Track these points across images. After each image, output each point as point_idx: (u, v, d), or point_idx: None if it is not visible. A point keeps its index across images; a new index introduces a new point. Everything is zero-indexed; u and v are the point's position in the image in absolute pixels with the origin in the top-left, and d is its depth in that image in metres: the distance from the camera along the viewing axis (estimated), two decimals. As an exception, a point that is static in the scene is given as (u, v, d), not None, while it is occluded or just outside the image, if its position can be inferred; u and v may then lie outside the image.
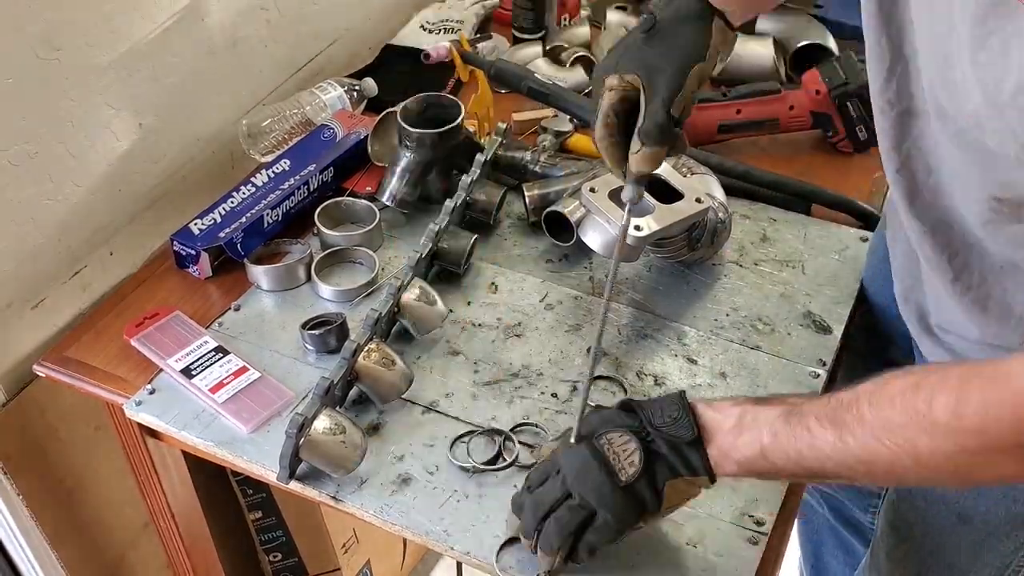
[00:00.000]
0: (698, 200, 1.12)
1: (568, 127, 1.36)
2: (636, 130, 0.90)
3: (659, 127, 0.89)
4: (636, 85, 0.90)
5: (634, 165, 0.91)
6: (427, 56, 1.45)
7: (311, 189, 1.25)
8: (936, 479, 0.83)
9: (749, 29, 1.52)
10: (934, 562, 1.05)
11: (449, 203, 1.17)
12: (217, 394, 1.04)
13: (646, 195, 1.10)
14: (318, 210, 1.22)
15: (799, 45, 1.50)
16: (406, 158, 1.24)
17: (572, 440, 0.86)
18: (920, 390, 0.73)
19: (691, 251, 1.16)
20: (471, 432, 1.00)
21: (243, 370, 1.06)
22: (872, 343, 1.20)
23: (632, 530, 0.85)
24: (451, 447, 0.99)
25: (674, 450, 0.82)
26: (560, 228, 1.18)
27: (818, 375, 1.07)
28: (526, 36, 1.63)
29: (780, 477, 0.87)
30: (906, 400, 0.73)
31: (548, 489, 0.85)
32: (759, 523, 0.93)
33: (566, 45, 1.57)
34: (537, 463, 0.92)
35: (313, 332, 1.09)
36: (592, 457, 0.83)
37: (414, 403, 1.04)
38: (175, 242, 1.19)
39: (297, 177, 1.24)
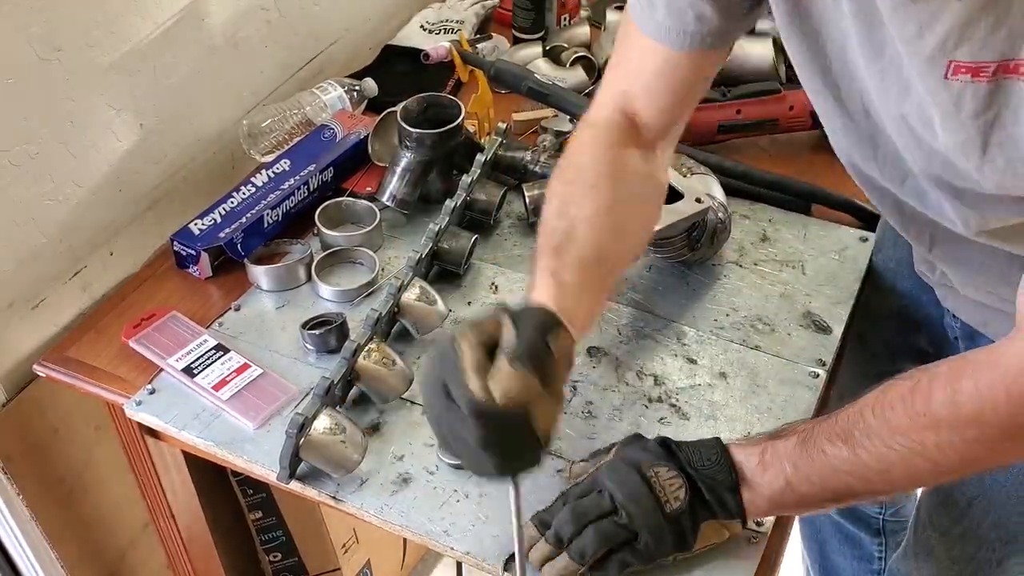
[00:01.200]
0: (698, 200, 1.12)
1: (568, 127, 1.36)
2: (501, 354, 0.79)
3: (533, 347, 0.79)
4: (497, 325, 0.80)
5: (502, 384, 0.77)
6: (427, 56, 1.45)
7: (311, 189, 1.25)
8: (952, 473, 0.83)
9: (749, 29, 1.52)
10: (997, 535, 1.05)
11: (449, 203, 1.17)
12: (220, 391, 1.04)
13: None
14: (318, 210, 1.22)
15: (799, 45, 1.50)
16: (406, 158, 1.24)
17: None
18: (917, 391, 0.74)
19: (691, 251, 1.16)
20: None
21: (245, 367, 1.07)
22: (900, 334, 1.21)
23: (659, 561, 0.85)
24: (439, 446, 0.99)
25: (713, 492, 0.83)
26: (560, 228, 1.18)
27: (818, 375, 1.07)
28: (526, 36, 1.63)
29: (811, 507, 0.87)
30: (906, 403, 0.75)
31: (592, 502, 0.85)
32: (758, 523, 0.93)
33: (566, 45, 1.57)
34: (571, 479, 0.92)
35: (313, 332, 1.09)
36: (642, 482, 0.83)
37: (414, 403, 1.04)
38: (175, 242, 1.19)
39: (297, 177, 1.25)
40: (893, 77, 0.75)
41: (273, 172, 1.25)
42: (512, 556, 0.87)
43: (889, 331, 1.22)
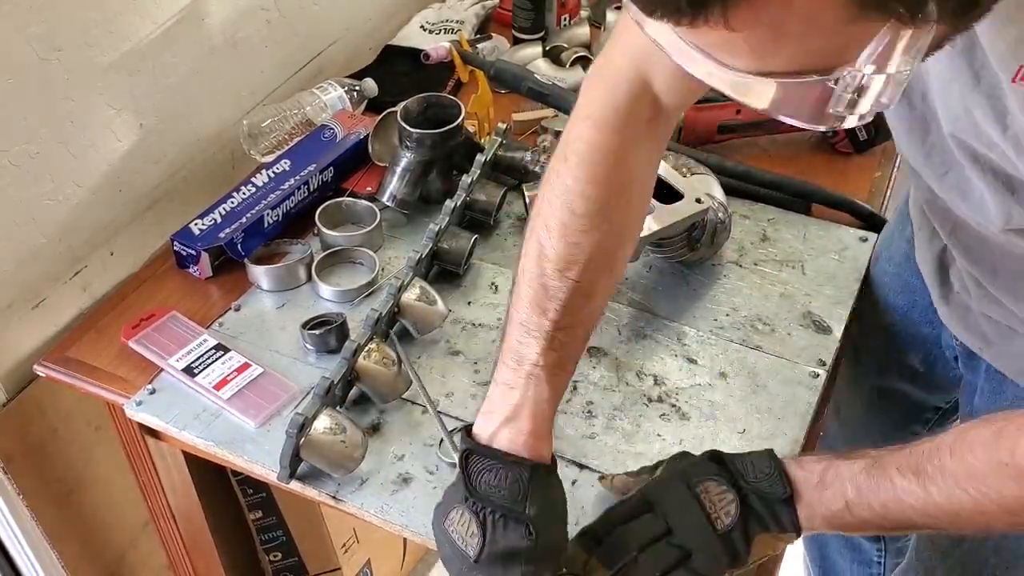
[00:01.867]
0: (698, 200, 1.12)
1: (568, 127, 1.36)
2: None
3: None
4: None
5: None
6: (427, 56, 1.45)
7: (311, 189, 1.25)
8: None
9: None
10: (997, 560, 1.04)
11: (449, 203, 1.17)
12: (222, 391, 1.04)
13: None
14: (318, 210, 1.22)
15: (799, 45, 1.50)
16: (406, 158, 1.24)
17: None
18: (1001, 439, 0.73)
19: (691, 251, 1.16)
20: (453, 430, 1.00)
21: (245, 366, 1.07)
22: (891, 350, 1.20)
23: None
24: (439, 445, 0.99)
25: (766, 506, 0.82)
26: (560, 228, 1.18)
27: (818, 375, 1.07)
28: (526, 36, 1.63)
29: (866, 530, 0.86)
30: (988, 450, 0.74)
31: (644, 525, 0.83)
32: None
33: (566, 45, 1.57)
34: (614, 492, 0.92)
35: (313, 332, 1.09)
36: (692, 499, 0.82)
37: (414, 403, 1.04)
38: (175, 242, 1.19)
39: (297, 177, 1.25)
40: (963, 64, 0.72)
41: (273, 172, 1.25)
42: None
43: (880, 346, 1.21)
